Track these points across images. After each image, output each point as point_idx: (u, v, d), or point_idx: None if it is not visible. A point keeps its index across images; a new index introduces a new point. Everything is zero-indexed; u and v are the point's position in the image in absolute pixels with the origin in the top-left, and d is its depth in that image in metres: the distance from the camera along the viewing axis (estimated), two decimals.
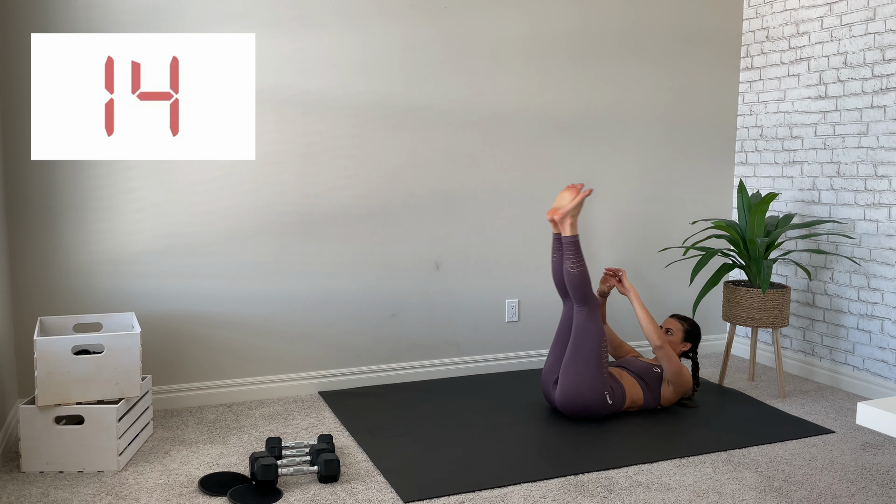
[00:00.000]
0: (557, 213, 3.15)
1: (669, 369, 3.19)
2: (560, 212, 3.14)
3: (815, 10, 3.81)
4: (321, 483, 2.55)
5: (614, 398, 3.11)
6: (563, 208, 3.15)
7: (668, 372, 3.20)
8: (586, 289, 3.12)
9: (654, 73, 4.06)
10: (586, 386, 3.05)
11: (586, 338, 3.08)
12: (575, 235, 3.14)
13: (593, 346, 3.07)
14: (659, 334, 3.18)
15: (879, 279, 3.53)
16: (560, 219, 3.15)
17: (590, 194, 3.15)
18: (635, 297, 3.26)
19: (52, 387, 2.62)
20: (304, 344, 3.53)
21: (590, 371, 3.05)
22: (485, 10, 3.69)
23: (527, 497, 2.47)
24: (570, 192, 3.19)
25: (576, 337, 3.10)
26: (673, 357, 3.19)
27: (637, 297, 3.27)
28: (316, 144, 3.45)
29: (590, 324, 3.10)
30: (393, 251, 3.64)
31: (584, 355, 3.06)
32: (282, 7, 3.34)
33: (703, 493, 2.51)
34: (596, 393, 3.06)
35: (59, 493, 2.46)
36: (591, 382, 3.05)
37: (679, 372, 3.21)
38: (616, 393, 3.13)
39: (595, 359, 3.06)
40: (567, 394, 3.08)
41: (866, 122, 3.56)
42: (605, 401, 3.08)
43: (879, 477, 2.65)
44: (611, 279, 3.37)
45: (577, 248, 3.13)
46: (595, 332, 3.09)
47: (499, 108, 3.76)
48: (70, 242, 3.13)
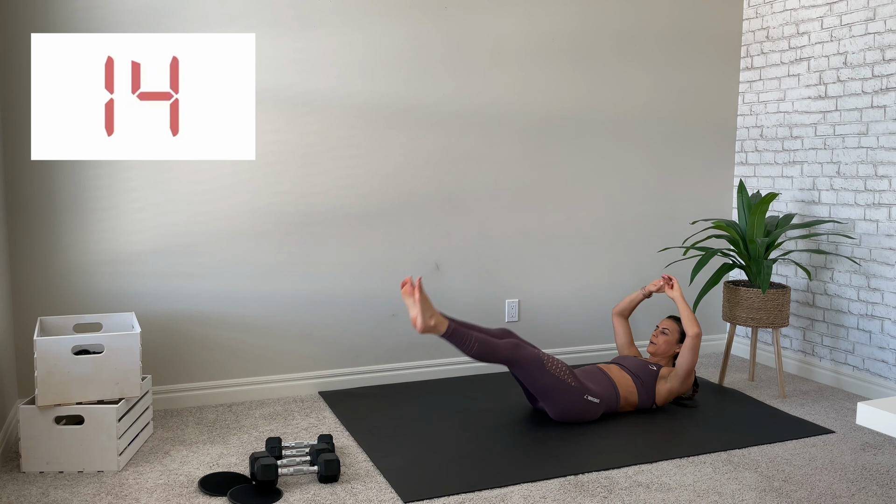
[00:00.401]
0: (418, 325, 2.90)
1: (688, 363, 3.22)
2: (419, 324, 2.89)
3: (815, 10, 3.81)
4: (321, 483, 2.55)
5: (599, 394, 3.11)
6: (418, 320, 2.89)
7: (682, 366, 3.23)
8: (495, 354, 2.99)
9: (654, 73, 4.07)
10: (567, 405, 3.07)
11: (535, 378, 3.04)
12: (447, 328, 2.94)
13: (545, 378, 3.04)
14: (697, 324, 3.27)
15: (879, 279, 3.53)
16: (426, 329, 2.91)
17: (420, 283, 2.89)
18: (681, 299, 3.36)
19: (52, 387, 2.62)
20: (304, 344, 3.53)
21: (560, 394, 3.05)
22: (485, 10, 3.69)
23: (527, 497, 2.47)
24: (407, 295, 2.95)
25: (527, 383, 3.08)
26: (698, 351, 3.24)
27: (682, 298, 3.36)
28: (316, 144, 3.45)
29: (525, 367, 3.03)
30: (393, 251, 3.64)
31: (546, 388, 3.05)
32: (282, 7, 3.34)
33: (703, 493, 2.51)
34: (578, 403, 3.07)
35: (59, 493, 2.46)
36: (569, 400, 3.06)
37: (692, 370, 3.25)
38: (599, 388, 3.13)
39: (555, 383, 3.04)
40: (557, 415, 3.11)
41: (866, 122, 3.56)
42: (590, 402, 3.08)
43: (879, 477, 2.65)
44: (664, 283, 3.43)
45: (458, 334, 2.95)
46: (534, 368, 3.03)
47: (499, 108, 3.76)
48: (70, 242, 3.13)
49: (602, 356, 4.09)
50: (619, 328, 3.54)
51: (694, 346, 3.22)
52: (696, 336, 3.22)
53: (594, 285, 4.06)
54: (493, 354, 2.99)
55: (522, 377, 3.07)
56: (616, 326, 3.55)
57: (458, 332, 2.96)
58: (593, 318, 4.07)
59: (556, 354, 4.00)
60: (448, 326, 2.95)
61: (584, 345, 4.08)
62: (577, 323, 4.04)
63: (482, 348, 2.97)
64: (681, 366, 3.23)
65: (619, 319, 3.55)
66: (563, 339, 4.03)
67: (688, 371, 3.23)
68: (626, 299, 3.56)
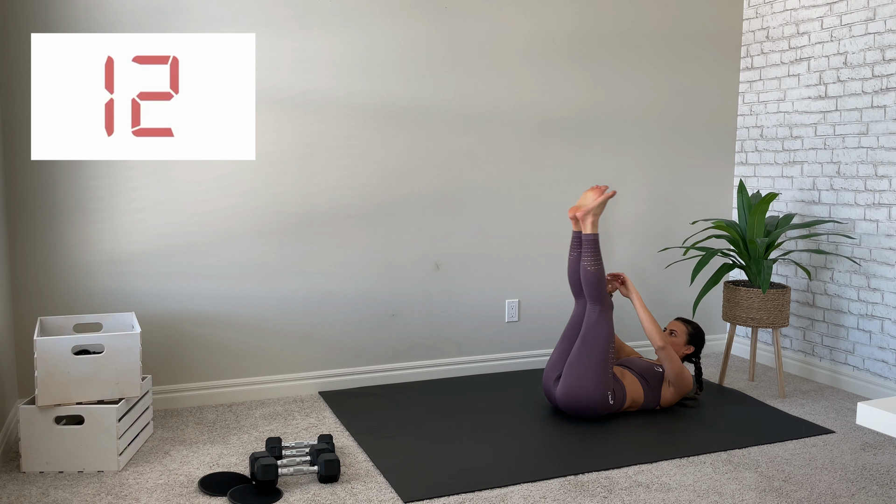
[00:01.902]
0: (580, 210, 3.22)
1: (671, 370, 3.19)
2: (583, 209, 3.20)
3: (815, 10, 3.81)
4: (321, 483, 2.55)
5: (616, 398, 3.12)
6: (587, 206, 3.20)
7: (669, 373, 3.20)
8: (601, 287, 3.15)
9: (655, 73, 4.06)
10: (589, 384, 3.06)
11: (596, 337, 3.09)
12: (595, 234, 3.18)
13: (601, 346, 3.08)
14: (661, 335, 3.19)
15: (879, 279, 3.53)
16: (582, 216, 3.21)
17: (613, 196, 3.22)
18: (637, 299, 3.29)
19: (52, 387, 2.62)
20: (304, 344, 3.53)
21: (595, 370, 3.06)
22: (485, 10, 3.69)
23: (527, 497, 2.47)
24: (594, 192, 3.26)
25: (585, 335, 3.12)
26: (675, 358, 3.20)
27: (639, 298, 3.30)
28: (316, 144, 3.45)
29: (601, 323, 3.12)
30: (393, 251, 3.64)
31: (591, 354, 3.07)
32: (282, 7, 3.34)
33: (703, 493, 2.51)
34: (599, 392, 3.06)
35: (59, 493, 2.46)
36: (595, 381, 3.05)
37: (680, 373, 3.22)
38: (618, 393, 3.13)
39: (602, 358, 3.07)
40: (569, 391, 3.08)
41: (866, 122, 3.56)
42: (607, 401, 3.08)
43: (879, 477, 2.65)
44: (613, 282, 3.37)
45: (597, 246, 3.18)
46: (605, 332, 3.11)
47: (499, 108, 3.76)
48: (70, 242, 3.13)
49: None
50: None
51: (666, 357, 3.19)
52: (660, 349, 3.19)
53: None
54: (601, 283, 3.15)
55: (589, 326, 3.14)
56: None
57: (598, 243, 3.20)
58: None
59: None
60: (598, 235, 3.20)
61: None
62: None
63: (601, 271, 3.15)
64: (667, 373, 3.23)
65: None
66: None
67: (675, 376, 3.21)
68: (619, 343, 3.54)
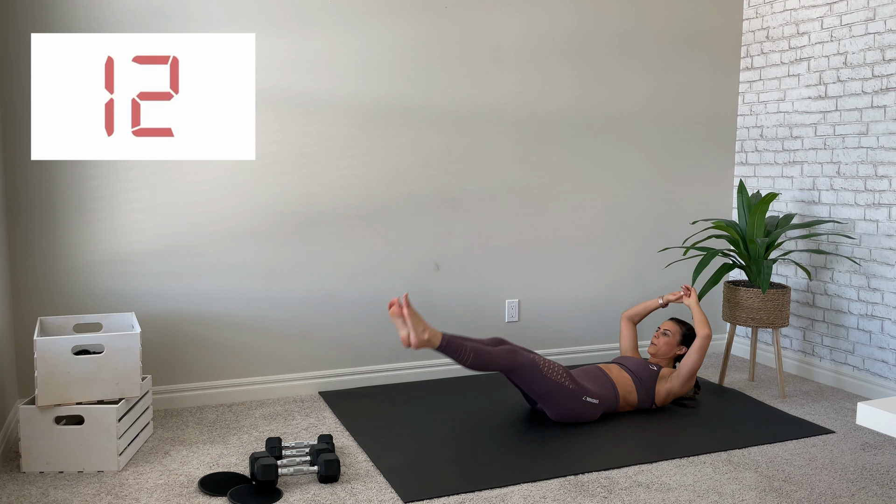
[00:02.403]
0: (412, 343, 2.88)
1: (694, 364, 3.23)
2: (413, 341, 2.88)
3: (815, 10, 3.81)
4: (321, 483, 2.55)
5: (598, 394, 3.11)
6: (411, 338, 2.88)
7: (686, 367, 3.24)
8: (491, 363, 2.97)
9: (654, 74, 4.06)
10: (566, 408, 3.07)
11: (532, 383, 3.03)
12: (441, 341, 2.92)
13: (542, 382, 3.03)
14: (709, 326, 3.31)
15: (879, 279, 3.53)
16: (420, 344, 2.89)
17: (407, 299, 2.89)
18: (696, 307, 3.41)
19: (52, 387, 2.62)
20: (304, 344, 3.53)
21: (559, 397, 3.05)
22: (485, 10, 3.69)
23: (527, 497, 2.47)
24: (396, 316, 2.92)
25: (526, 388, 3.08)
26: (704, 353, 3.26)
27: (698, 306, 3.41)
28: (316, 144, 3.45)
29: (522, 373, 3.01)
30: (393, 251, 3.64)
31: (544, 392, 3.04)
32: (282, 7, 3.34)
33: (703, 493, 2.51)
34: (576, 404, 3.06)
35: (59, 493, 2.46)
36: (567, 402, 3.06)
37: (695, 372, 3.26)
38: (598, 389, 3.13)
39: (553, 387, 3.03)
40: (556, 417, 3.11)
41: (866, 122, 3.56)
42: (589, 403, 3.08)
43: (879, 477, 2.65)
44: (683, 293, 3.47)
45: (452, 346, 2.93)
46: (531, 373, 3.01)
47: (499, 108, 3.76)
48: (70, 242, 3.13)
49: (602, 356, 4.09)
50: (625, 332, 3.54)
51: (702, 347, 3.24)
52: (706, 337, 3.25)
53: (594, 285, 4.06)
54: (490, 363, 2.97)
55: (520, 383, 3.07)
56: (623, 329, 3.55)
57: (452, 344, 2.93)
58: (593, 319, 4.07)
59: (556, 355, 4.00)
60: (442, 338, 2.92)
61: (583, 345, 4.07)
62: (577, 323, 4.04)
63: (478, 358, 2.95)
64: (685, 366, 3.24)
65: (627, 324, 3.55)
66: (563, 340, 4.03)
67: (691, 372, 3.23)
68: (641, 305, 3.57)
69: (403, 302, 2.89)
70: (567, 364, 3.97)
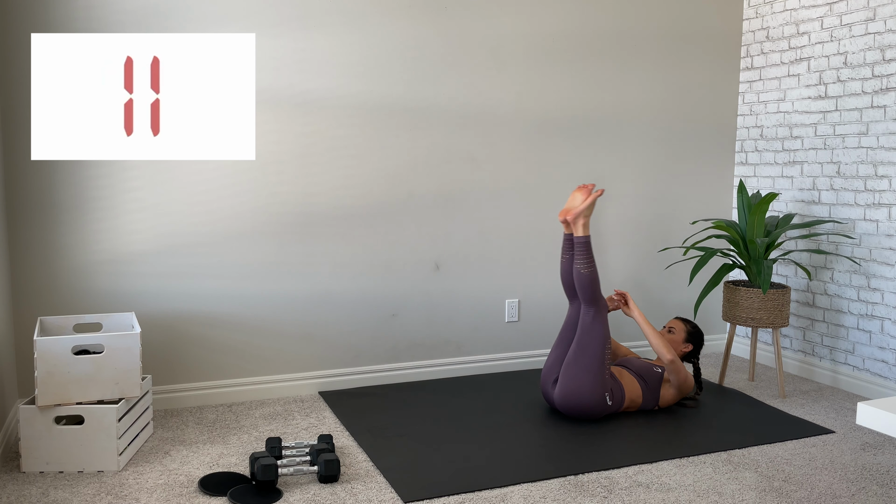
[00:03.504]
0: (570, 213, 3.17)
1: (677, 379, 3.21)
2: (573, 212, 3.16)
3: (815, 10, 3.81)
4: (321, 483, 2.55)
5: (614, 399, 3.12)
6: (576, 209, 3.16)
7: (674, 381, 3.22)
8: (595, 289, 3.14)
9: (654, 73, 4.06)
10: (586, 386, 3.05)
11: (591, 339, 3.09)
12: (587, 236, 3.16)
13: (597, 348, 3.08)
14: (668, 348, 3.17)
15: (879, 279, 3.53)
16: (573, 219, 3.16)
17: (601, 194, 3.20)
18: (641, 318, 3.28)
19: (52, 387, 2.62)
20: (304, 344, 3.53)
21: (591, 372, 3.05)
22: (485, 10, 3.69)
23: (527, 497, 2.47)
24: (581, 192, 3.21)
25: (580, 337, 3.11)
26: (681, 369, 3.20)
27: (642, 315, 3.28)
28: (316, 144, 3.45)
29: (596, 325, 3.11)
30: (393, 251, 3.64)
31: (587, 356, 3.07)
32: (282, 7, 3.34)
33: (703, 493, 2.51)
34: (596, 393, 3.06)
35: (59, 493, 2.46)
36: (592, 383, 3.05)
37: (685, 381, 3.24)
38: (616, 394, 3.13)
39: (598, 360, 3.06)
40: (566, 393, 3.08)
41: (866, 122, 3.56)
42: (605, 402, 3.08)
43: (879, 477, 2.65)
44: (617, 301, 3.38)
45: (589, 248, 3.15)
46: (600, 333, 3.10)
47: (499, 108, 3.76)
48: (70, 242, 3.13)
49: None
50: None
51: (675, 370, 3.18)
52: (670, 363, 3.17)
53: None
54: (594, 286, 3.12)
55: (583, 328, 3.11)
56: None
57: (590, 245, 3.16)
58: None
59: None
60: (589, 236, 3.16)
61: None
62: None
63: (594, 273, 3.13)
64: (674, 383, 3.23)
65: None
66: None
67: (681, 384, 3.23)
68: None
69: (598, 191, 3.16)
70: None
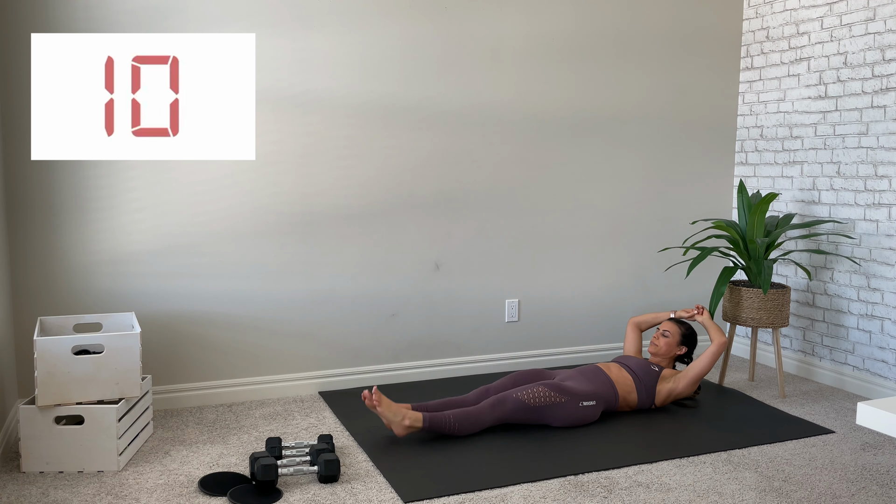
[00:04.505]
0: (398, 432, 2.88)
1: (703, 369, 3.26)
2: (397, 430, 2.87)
3: (815, 10, 3.81)
4: (321, 483, 2.55)
5: (594, 395, 3.10)
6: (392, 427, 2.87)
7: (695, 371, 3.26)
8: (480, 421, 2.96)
9: (654, 74, 4.06)
10: (564, 418, 3.05)
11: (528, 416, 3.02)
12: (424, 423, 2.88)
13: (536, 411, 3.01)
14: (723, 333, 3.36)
15: (879, 279, 3.53)
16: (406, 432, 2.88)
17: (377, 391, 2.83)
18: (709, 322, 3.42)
19: (52, 387, 2.62)
20: (304, 344, 3.53)
21: (554, 412, 3.03)
22: (485, 10, 3.69)
23: (527, 497, 2.47)
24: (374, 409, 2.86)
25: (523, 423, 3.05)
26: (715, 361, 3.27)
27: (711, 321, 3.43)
28: (316, 144, 3.45)
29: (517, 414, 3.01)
30: (393, 251, 3.64)
31: (541, 416, 3.03)
32: (282, 7, 3.34)
33: (703, 493, 2.51)
34: (573, 412, 3.05)
35: (59, 493, 2.46)
36: (564, 414, 3.04)
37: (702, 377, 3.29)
38: (594, 388, 3.13)
39: (545, 410, 3.01)
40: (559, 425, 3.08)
41: (866, 122, 3.56)
42: (586, 407, 3.08)
43: (879, 477, 2.65)
44: (695, 312, 3.47)
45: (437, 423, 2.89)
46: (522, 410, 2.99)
47: (499, 108, 3.76)
48: (70, 242, 3.13)
49: (602, 356, 4.09)
50: (631, 336, 3.54)
51: (715, 353, 3.26)
52: (721, 344, 3.29)
53: (594, 285, 4.05)
54: (478, 424, 2.96)
55: (519, 422, 3.05)
56: (629, 333, 3.55)
57: (435, 421, 2.89)
58: (593, 318, 4.07)
59: (556, 355, 4.00)
60: (423, 420, 2.88)
61: (583, 345, 4.07)
62: (577, 323, 4.04)
63: (464, 425, 2.93)
64: (693, 369, 3.26)
65: (634, 329, 3.55)
66: (563, 339, 4.03)
67: (698, 376, 3.26)
68: (651, 315, 3.57)
69: (374, 393, 2.84)
70: (567, 364, 3.96)
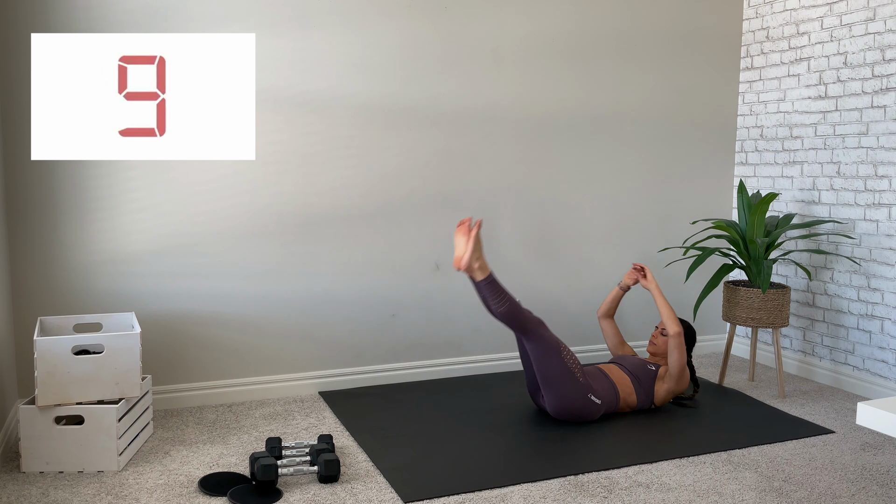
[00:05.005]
0: (462, 262, 2.97)
1: (677, 362, 3.19)
2: (463, 262, 2.97)
3: (815, 10, 3.81)
4: (321, 483, 2.55)
5: (602, 395, 3.11)
6: (464, 258, 2.97)
7: (672, 366, 3.20)
8: (520, 319, 3.02)
9: (654, 73, 4.07)
10: (569, 398, 3.05)
11: (546, 360, 3.04)
12: (487, 275, 3.00)
13: (556, 364, 3.03)
14: (676, 322, 3.22)
15: (879, 279, 3.53)
16: (467, 268, 2.99)
17: (480, 226, 2.98)
18: (656, 290, 3.33)
19: (52, 387, 2.62)
20: (304, 344, 3.53)
21: (565, 385, 3.04)
22: (485, 10, 3.69)
23: (527, 497, 2.47)
24: (461, 235, 3.01)
25: (537, 364, 3.07)
26: (683, 349, 3.20)
27: (658, 289, 3.33)
28: (316, 144, 3.45)
29: (542, 345, 3.03)
30: (393, 251, 3.64)
31: (553, 375, 3.04)
32: (282, 7, 3.34)
33: (703, 493, 2.51)
34: (580, 399, 3.05)
35: (59, 493, 2.46)
36: (572, 393, 3.04)
37: (684, 368, 3.22)
38: (602, 390, 3.12)
39: (564, 373, 3.03)
40: (556, 409, 3.09)
41: (866, 122, 3.56)
42: (593, 402, 3.08)
43: (879, 477, 2.65)
44: (637, 274, 3.40)
45: (495, 286, 3.00)
46: (550, 350, 3.03)
47: (499, 109, 3.76)
48: (70, 242, 3.13)
49: (601, 356, 4.09)
50: (607, 329, 3.53)
51: (677, 345, 3.19)
52: (675, 335, 3.18)
53: (594, 285, 4.05)
54: (518, 318, 3.00)
55: (534, 355, 3.04)
56: (604, 328, 3.53)
57: (495, 283, 3.00)
58: (593, 319, 4.06)
59: None
60: (489, 274, 3.00)
61: (583, 345, 4.07)
62: (577, 323, 4.04)
63: (511, 308, 2.99)
64: (671, 365, 3.22)
65: (605, 321, 3.53)
66: (563, 339, 4.01)
67: (679, 369, 3.21)
68: (607, 298, 3.54)
69: (476, 224, 2.99)
70: None
